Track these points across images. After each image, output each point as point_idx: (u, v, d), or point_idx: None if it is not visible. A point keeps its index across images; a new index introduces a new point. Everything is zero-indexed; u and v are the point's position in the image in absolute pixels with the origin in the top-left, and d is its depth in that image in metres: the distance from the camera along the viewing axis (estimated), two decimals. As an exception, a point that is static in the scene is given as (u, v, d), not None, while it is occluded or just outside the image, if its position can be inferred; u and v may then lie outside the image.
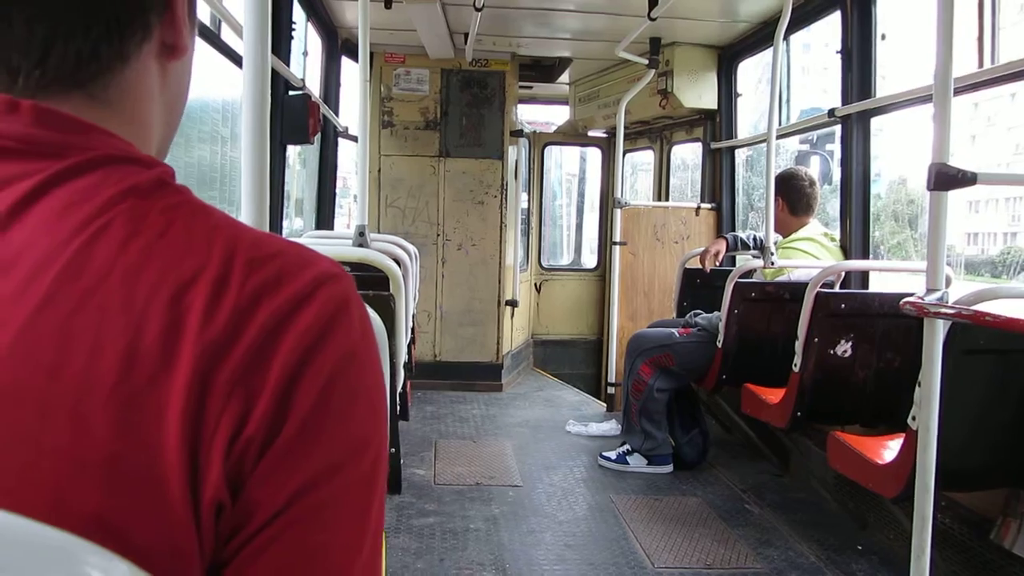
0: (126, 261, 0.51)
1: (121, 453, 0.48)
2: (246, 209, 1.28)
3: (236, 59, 3.06)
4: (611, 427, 4.68)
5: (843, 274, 3.65)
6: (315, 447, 0.52)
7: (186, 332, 0.50)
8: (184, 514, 0.49)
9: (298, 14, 4.17)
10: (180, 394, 0.49)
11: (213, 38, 2.80)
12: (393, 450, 2.21)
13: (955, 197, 1.85)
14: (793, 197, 3.78)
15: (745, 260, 4.28)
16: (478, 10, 3.94)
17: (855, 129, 3.69)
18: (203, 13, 2.70)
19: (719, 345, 3.71)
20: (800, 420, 3.13)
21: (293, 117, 3.62)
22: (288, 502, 0.51)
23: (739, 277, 3.63)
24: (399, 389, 2.28)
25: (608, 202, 6.59)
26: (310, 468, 0.52)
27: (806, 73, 5.69)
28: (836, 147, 4.02)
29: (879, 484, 2.50)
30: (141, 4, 0.60)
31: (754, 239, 4.17)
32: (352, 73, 5.25)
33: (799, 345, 3.08)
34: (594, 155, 7.45)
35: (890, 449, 2.54)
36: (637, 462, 4.06)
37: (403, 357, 2.27)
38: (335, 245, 3.15)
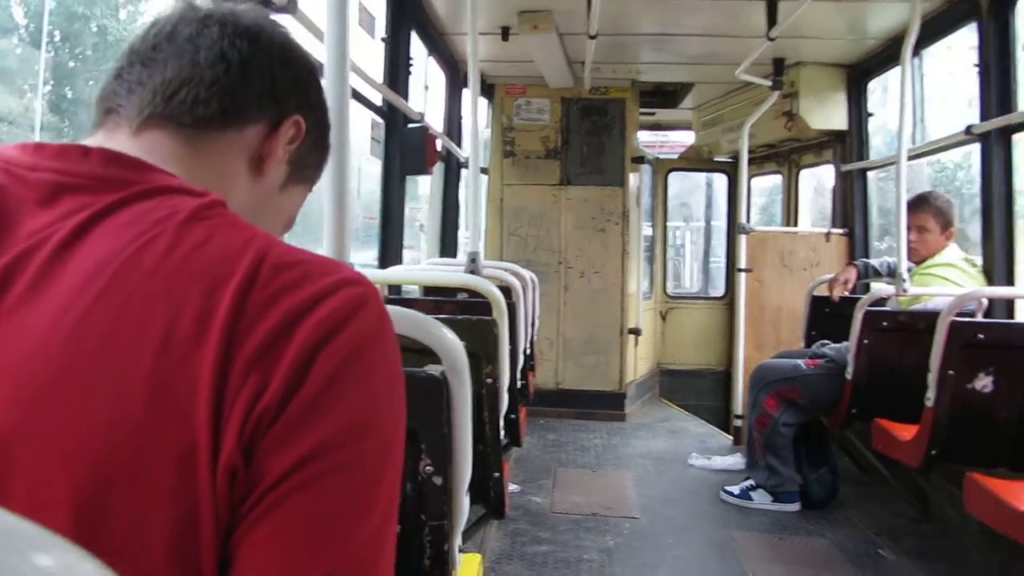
0: (169, 264, 0.61)
1: (156, 423, 0.56)
2: (328, 226, 1.30)
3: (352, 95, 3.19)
4: (736, 461, 4.51)
5: (985, 302, 3.39)
6: (318, 421, 0.59)
7: (215, 320, 0.58)
8: (206, 478, 0.56)
9: (420, 50, 4.31)
10: (208, 371, 0.57)
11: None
12: (496, 475, 2.22)
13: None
14: (940, 214, 3.54)
15: (878, 288, 4.07)
16: (592, 38, 3.95)
17: (995, 146, 3.44)
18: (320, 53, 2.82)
19: (848, 377, 3.52)
20: (935, 459, 2.91)
21: (411, 149, 3.73)
22: (293, 467, 0.58)
23: (870, 305, 3.44)
24: (502, 413, 2.27)
25: (733, 228, 6.42)
26: (312, 439, 0.58)
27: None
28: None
29: None
30: (249, 104, 0.78)
31: (887, 266, 3.96)
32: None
33: (932, 378, 2.88)
34: (720, 180, 7.29)
35: (1036, 494, 2.33)
36: (761, 498, 3.89)
37: (507, 382, 2.27)
38: (446, 271, 3.21)
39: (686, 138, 7.59)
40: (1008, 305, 3.45)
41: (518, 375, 2.96)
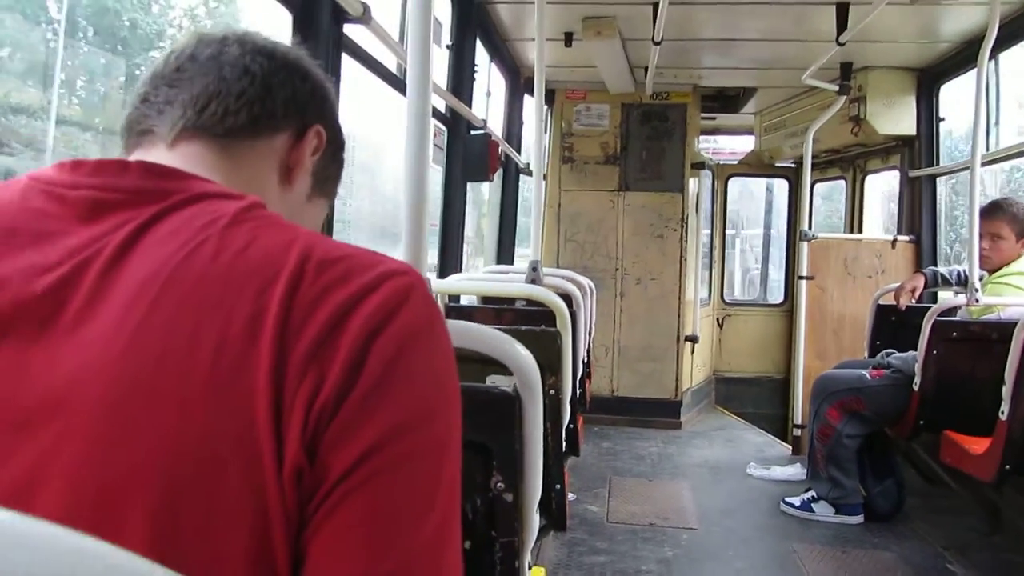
0: (217, 269, 0.62)
1: (219, 432, 0.57)
2: (406, 236, 1.31)
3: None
4: (796, 471, 4.43)
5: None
6: (378, 412, 0.59)
7: (266, 320, 0.59)
8: (273, 480, 0.57)
9: (482, 56, 4.33)
10: (264, 374, 0.58)
11: (399, 83, 2.95)
12: (558, 486, 2.21)
13: None
14: (1018, 222, 3.44)
15: (946, 296, 3.96)
16: (656, 44, 3.93)
17: (1075, 153, 3.34)
18: (391, 61, 2.85)
19: (915, 388, 3.43)
20: (1008, 473, 2.82)
21: (474, 156, 3.76)
22: (356, 462, 0.58)
23: (939, 315, 3.35)
24: (566, 424, 2.26)
25: (795, 234, 6.31)
26: (374, 431, 0.59)
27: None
28: None
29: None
30: (275, 113, 0.81)
31: (957, 275, 3.85)
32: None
33: (1007, 391, 2.79)
34: (781, 186, 7.18)
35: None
36: (823, 510, 3.82)
37: (569, 393, 2.26)
38: (507, 282, 3.21)
39: (744, 144, 7.49)
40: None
41: (577, 384, 2.95)
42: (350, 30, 2.18)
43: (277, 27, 2.04)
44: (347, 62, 2.33)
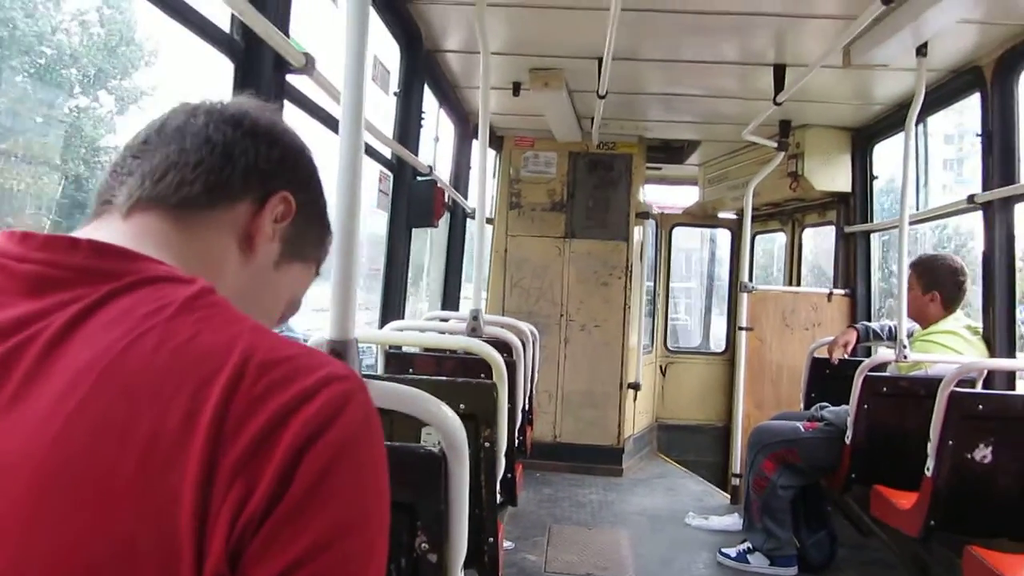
0: (156, 364, 0.60)
1: (140, 532, 0.55)
2: (335, 285, 1.30)
3: (366, 149, 3.22)
4: (733, 521, 4.47)
5: (984, 373, 3.39)
6: (303, 528, 0.58)
7: (200, 422, 0.57)
8: None
9: (431, 103, 4.36)
10: (192, 476, 0.56)
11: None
12: (492, 540, 2.19)
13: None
14: (951, 293, 3.51)
15: (879, 351, 4.06)
16: (601, 97, 4.01)
17: (998, 215, 3.47)
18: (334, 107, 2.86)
19: (847, 442, 3.50)
20: (934, 529, 2.89)
21: (419, 202, 3.77)
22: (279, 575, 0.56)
23: (870, 370, 3.43)
24: (499, 476, 2.26)
25: (736, 285, 6.43)
26: (298, 547, 0.57)
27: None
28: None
29: (1022, 610, 2.26)
30: (233, 182, 0.80)
31: (888, 330, 3.96)
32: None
33: (932, 447, 2.87)
34: (724, 237, 7.32)
35: (1035, 570, 2.31)
36: (758, 561, 3.85)
37: (504, 444, 2.25)
38: (446, 333, 3.21)
39: (688, 195, 7.64)
40: (1009, 376, 3.44)
41: (516, 433, 2.94)
42: (293, 79, 2.19)
43: (219, 76, 2.03)
44: (291, 109, 2.33)
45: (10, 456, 0.57)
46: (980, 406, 2.81)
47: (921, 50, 3.29)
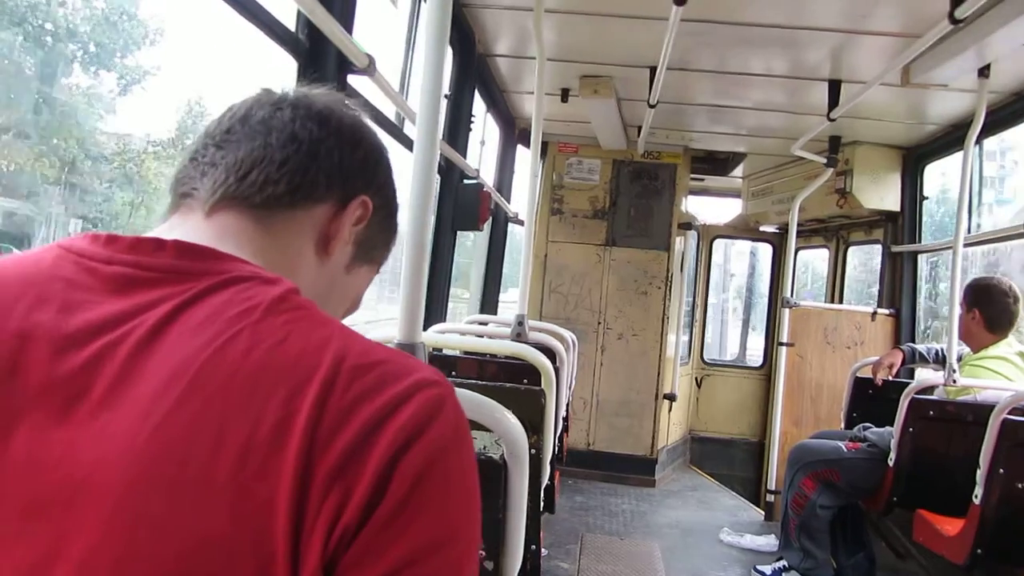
0: (248, 367, 0.60)
1: (235, 536, 0.55)
2: (404, 291, 1.31)
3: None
4: (768, 542, 4.41)
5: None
6: (401, 534, 0.57)
7: (294, 429, 0.57)
8: None
9: (479, 105, 4.38)
10: (287, 484, 0.56)
11: (397, 132, 2.97)
12: (533, 547, 2.18)
13: None
14: (993, 311, 3.46)
15: (924, 374, 4.00)
16: (652, 106, 3.99)
17: (1055, 242, 3.40)
18: (389, 109, 2.88)
19: (890, 464, 3.45)
20: (980, 558, 2.83)
21: (465, 205, 3.78)
22: None
23: (916, 393, 3.38)
24: (544, 483, 2.25)
25: (777, 300, 6.36)
26: (396, 554, 0.57)
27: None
28: None
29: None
30: (318, 183, 0.79)
31: (935, 353, 3.89)
32: (527, 161, 5.42)
33: (981, 475, 2.82)
34: (765, 250, 7.26)
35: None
36: (794, 581, 3.80)
37: (550, 452, 2.25)
38: (492, 339, 3.20)
39: (731, 207, 7.58)
40: (1062, 405, 3.36)
41: (556, 440, 2.94)
42: (354, 80, 2.20)
43: (283, 73, 2.05)
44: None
45: (103, 462, 0.57)
46: (1034, 435, 2.75)
47: (983, 71, 3.24)
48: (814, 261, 7.10)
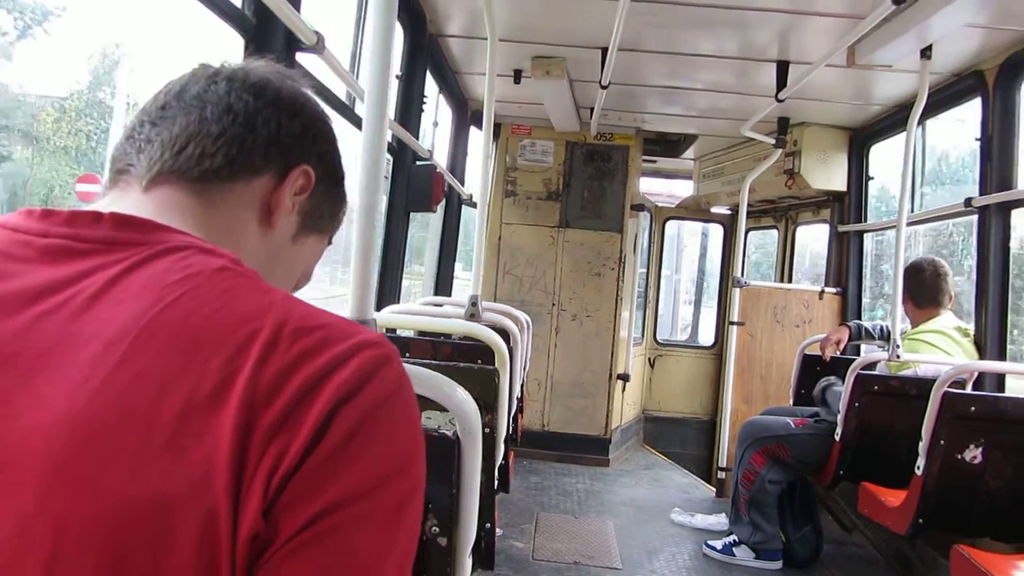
0: (189, 330, 0.60)
1: (177, 495, 0.56)
2: (354, 271, 1.31)
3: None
4: (717, 521, 4.48)
5: (975, 374, 3.42)
6: (338, 477, 0.58)
7: (234, 388, 0.58)
8: (226, 547, 0.56)
9: (431, 87, 4.35)
10: (227, 441, 0.57)
11: (348, 112, 2.94)
12: (488, 526, 2.20)
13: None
14: (915, 289, 3.61)
15: (869, 350, 4.10)
16: (604, 87, 4.00)
17: (993, 220, 3.50)
18: (339, 89, 2.84)
19: (837, 438, 3.53)
20: (922, 527, 2.92)
21: (418, 186, 3.75)
22: (309, 522, 0.57)
23: (861, 369, 3.46)
24: (498, 462, 2.26)
25: (728, 280, 6.45)
26: (331, 494, 0.58)
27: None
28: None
29: (1008, 608, 2.30)
30: (255, 155, 0.79)
31: (880, 329, 3.99)
32: (479, 142, 5.41)
33: (923, 447, 2.90)
34: (716, 231, 7.35)
35: (1022, 570, 2.34)
36: (744, 555, 3.88)
37: (504, 431, 2.26)
38: (447, 317, 3.20)
39: (683, 188, 7.66)
40: (999, 378, 3.48)
41: (510, 420, 2.95)
42: (303, 58, 2.17)
43: (229, 50, 2.01)
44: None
45: (38, 425, 0.57)
46: (973, 407, 2.84)
47: (925, 52, 3.30)
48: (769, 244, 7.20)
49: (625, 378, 5.96)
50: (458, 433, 1.24)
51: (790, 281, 6.20)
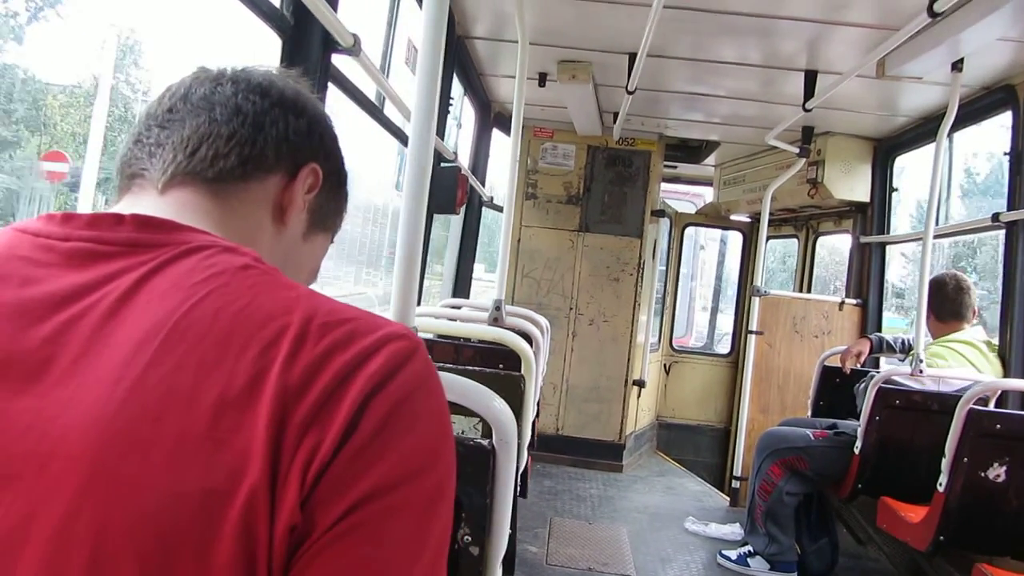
0: (219, 327, 0.61)
1: (214, 489, 0.56)
2: (398, 275, 1.31)
3: (396, 133, 3.21)
4: (732, 530, 4.46)
5: (999, 391, 3.39)
6: (371, 468, 0.59)
7: (267, 382, 0.59)
8: (263, 539, 0.57)
9: (456, 88, 4.34)
10: (262, 434, 0.57)
11: (378, 114, 2.94)
12: (511, 531, 2.19)
13: None
14: (936, 303, 3.60)
15: (890, 363, 4.06)
16: (630, 93, 3.98)
17: (1020, 236, 3.46)
18: (370, 89, 2.85)
19: (856, 452, 3.50)
20: (943, 545, 2.89)
21: (442, 188, 3.75)
22: (344, 514, 0.58)
23: (883, 383, 3.43)
24: (520, 469, 2.25)
25: (746, 288, 6.42)
26: (363, 487, 0.59)
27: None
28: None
29: (1032, 630, 2.27)
30: (266, 154, 0.80)
31: (902, 343, 3.96)
32: (501, 144, 5.40)
33: (946, 463, 2.87)
34: (735, 239, 7.31)
35: (1046, 592, 2.31)
36: (759, 565, 3.86)
37: (527, 438, 2.25)
38: (472, 320, 3.20)
39: (703, 195, 7.63)
40: (1023, 396, 3.44)
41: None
42: (337, 60, 2.17)
43: (267, 51, 2.01)
44: (332, 92, 2.32)
45: (74, 426, 0.58)
46: (998, 425, 2.80)
47: (957, 65, 3.28)
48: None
49: (641, 384, 5.94)
50: (494, 443, 1.23)
51: (810, 291, 6.16)
